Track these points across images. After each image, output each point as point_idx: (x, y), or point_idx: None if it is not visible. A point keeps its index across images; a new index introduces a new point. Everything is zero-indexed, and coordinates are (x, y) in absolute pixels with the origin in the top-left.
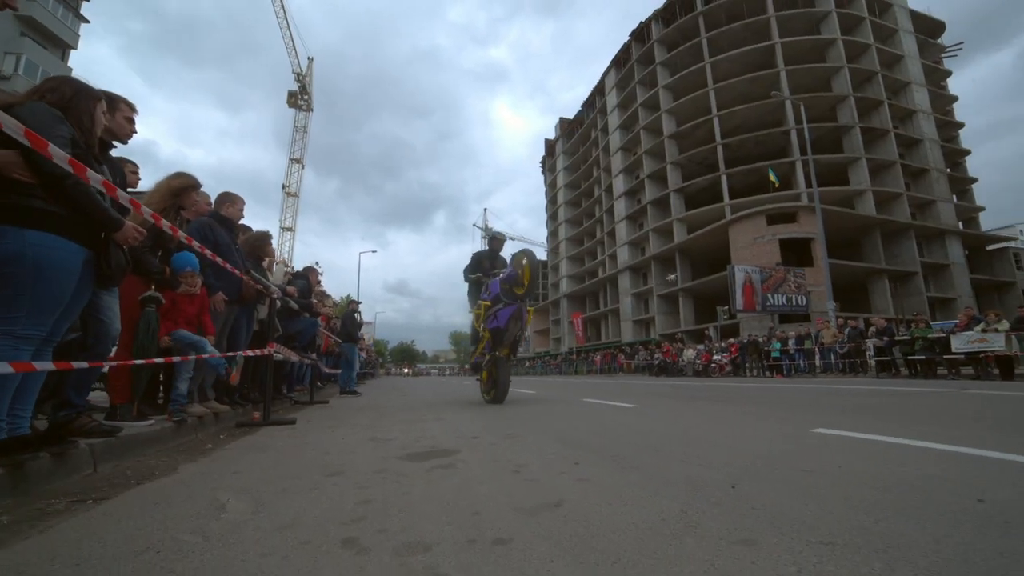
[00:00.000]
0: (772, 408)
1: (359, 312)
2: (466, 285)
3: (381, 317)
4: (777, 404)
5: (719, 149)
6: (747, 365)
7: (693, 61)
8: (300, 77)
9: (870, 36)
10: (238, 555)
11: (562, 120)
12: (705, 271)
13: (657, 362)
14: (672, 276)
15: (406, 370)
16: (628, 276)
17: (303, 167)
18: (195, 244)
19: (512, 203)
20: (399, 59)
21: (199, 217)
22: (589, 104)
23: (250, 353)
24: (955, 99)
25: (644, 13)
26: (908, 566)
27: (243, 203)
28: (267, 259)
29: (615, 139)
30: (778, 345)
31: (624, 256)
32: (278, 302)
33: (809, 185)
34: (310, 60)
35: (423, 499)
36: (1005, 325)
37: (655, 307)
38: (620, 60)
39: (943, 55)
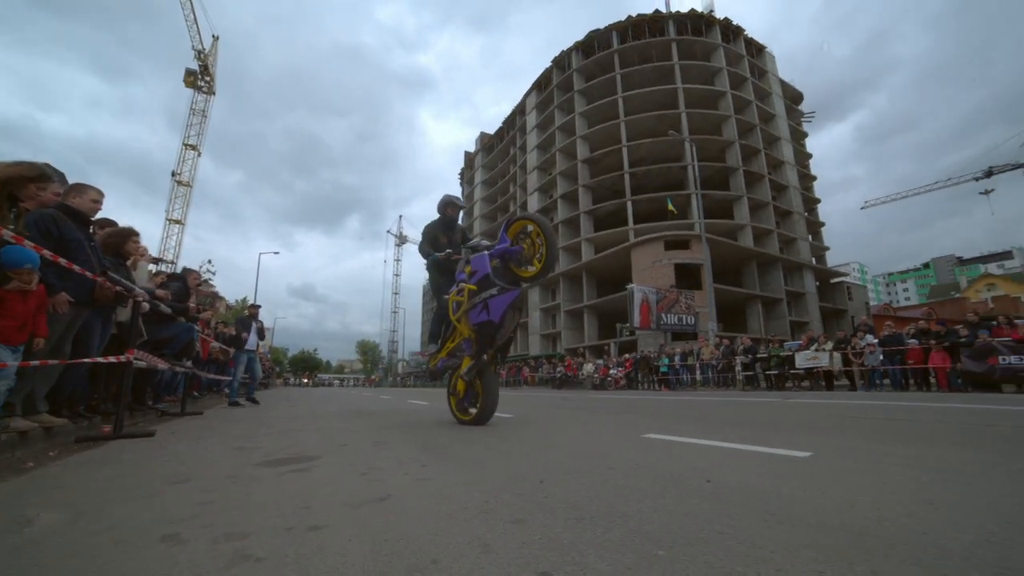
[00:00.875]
0: (632, 417)
1: (258, 319)
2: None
3: (282, 323)
4: (641, 413)
5: (626, 177)
6: (640, 379)
7: (607, 93)
8: (201, 55)
9: (751, 94)
10: (33, 563)
11: (483, 135)
12: (609, 289)
13: (559, 375)
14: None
15: (305, 380)
16: (538, 291)
17: (199, 154)
18: (27, 242)
19: (431, 211)
20: (320, 52)
21: (41, 208)
22: (510, 122)
23: (103, 360)
24: (810, 156)
25: (567, 42)
26: (622, 529)
27: (97, 194)
28: (132, 258)
29: (532, 158)
30: (666, 361)
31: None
32: (144, 305)
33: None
34: (215, 39)
35: (262, 499)
36: (829, 346)
37: (562, 322)
38: (541, 83)
39: (802, 119)
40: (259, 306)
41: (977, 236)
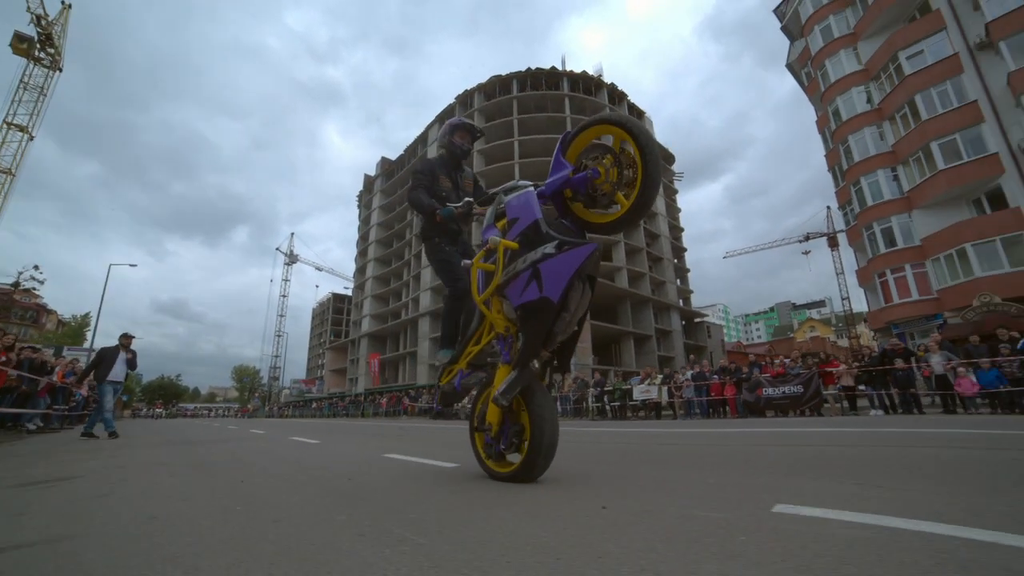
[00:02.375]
0: (408, 442)
1: (130, 349)
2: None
3: (138, 344)
4: (424, 439)
5: None
6: None
7: (505, 135)
8: (42, 21)
9: None
10: None
11: (384, 160)
12: None
13: (435, 406)
14: None
15: (159, 409)
16: (428, 320)
17: (31, 138)
18: None
19: (329, 230)
20: (214, 44)
21: None
22: (412, 151)
23: None
24: (680, 210)
25: (476, 80)
26: (265, 514)
27: None
28: None
29: None
30: None
31: (426, 301)
32: None
33: None
34: (66, 6)
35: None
36: (658, 379)
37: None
38: (444, 117)
39: (673, 178)
40: (132, 336)
41: (807, 286)
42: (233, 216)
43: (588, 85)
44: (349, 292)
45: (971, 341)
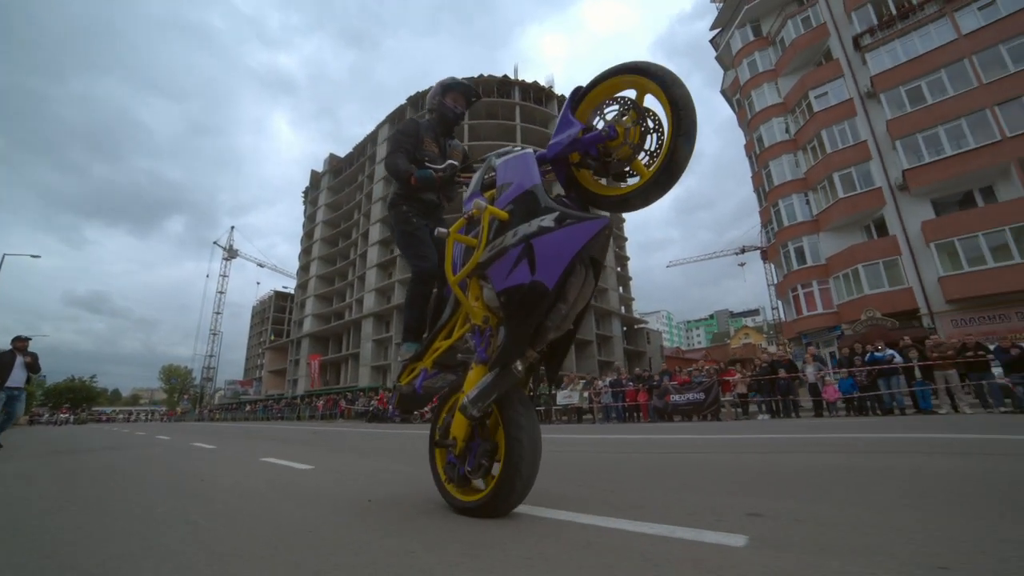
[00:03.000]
0: (308, 448)
1: (27, 352)
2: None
3: (46, 343)
4: (325, 444)
5: None
6: None
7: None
8: None
9: None
10: None
11: (332, 156)
12: None
13: (371, 409)
14: None
15: (64, 415)
16: (372, 322)
17: None
18: None
19: (274, 224)
20: (148, 18)
21: None
22: (361, 149)
23: None
24: (624, 220)
25: (436, 79)
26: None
27: None
28: None
29: (378, 189)
30: None
31: (371, 302)
32: None
33: None
34: None
35: None
36: (580, 386)
37: (393, 355)
38: (396, 118)
39: None
40: (28, 338)
41: (745, 295)
42: (167, 205)
43: (539, 95)
44: (292, 291)
45: (842, 353)
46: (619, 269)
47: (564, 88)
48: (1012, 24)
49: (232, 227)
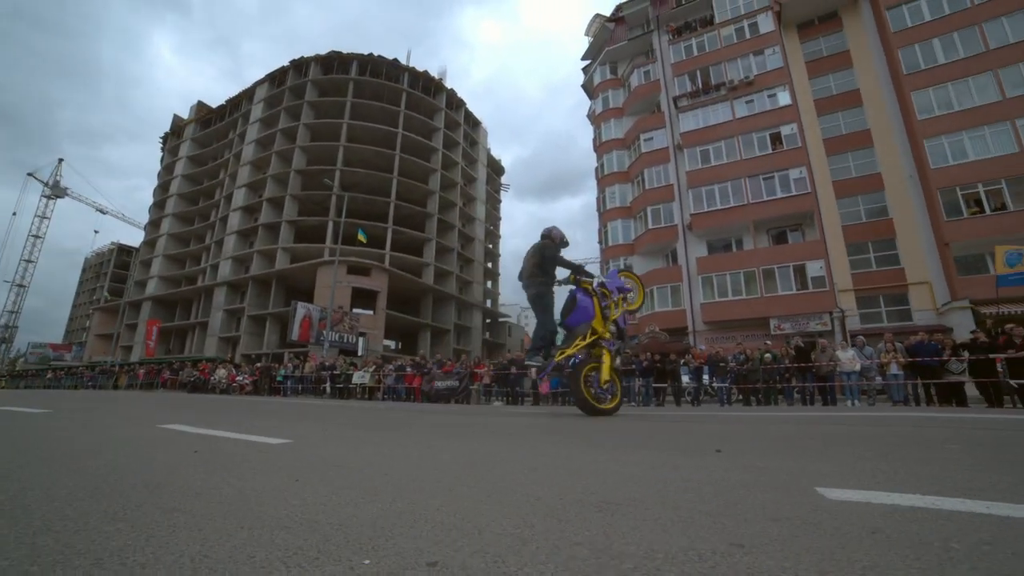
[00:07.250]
0: (170, 411)
1: None
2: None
3: None
4: (192, 409)
5: (334, 199)
6: (264, 387)
7: (336, 114)
8: None
9: (460, 157)
10: None
11: (200, 104)
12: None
13: (193, 379)
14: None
15: None
16: (225, 291)
17: None
18: None
19: (135, 164)
20: None
21: None
22: (235, 104)
23: None
24: (500, 218)
25: (350, 37)
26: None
27: None
28: None
29: (249, 151)
30: (283, 372)
31: (226, 270)
32: None
33: (392, 250)
34: None
35: None
36: (372, 368)
37: (244, 327)
38: (276, 78)
39: (500, 188)
40: None
41: None
42: None
43: (428, 86)
44: (137, 246)
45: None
46: (489, 265)
47: (455, 82)
48: (764, 119)
49: (60, 159)
